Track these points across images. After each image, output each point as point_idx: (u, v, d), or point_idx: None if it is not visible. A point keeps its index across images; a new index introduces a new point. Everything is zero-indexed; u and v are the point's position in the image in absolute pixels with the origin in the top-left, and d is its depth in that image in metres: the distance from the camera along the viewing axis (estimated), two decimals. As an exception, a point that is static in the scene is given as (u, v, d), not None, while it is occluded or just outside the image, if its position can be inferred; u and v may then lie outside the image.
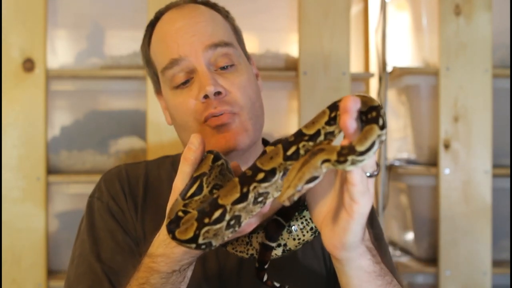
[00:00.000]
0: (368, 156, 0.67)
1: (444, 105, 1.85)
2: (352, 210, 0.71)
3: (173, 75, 1.02)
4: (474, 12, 1.85)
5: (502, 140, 1.93)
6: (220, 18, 1.07)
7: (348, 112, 0.67)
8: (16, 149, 1.76)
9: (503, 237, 1.94)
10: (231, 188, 0.73)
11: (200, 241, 0.73)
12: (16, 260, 1.75)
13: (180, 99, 1.02)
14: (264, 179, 0.72)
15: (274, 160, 0.73)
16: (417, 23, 2.04)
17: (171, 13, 1.06)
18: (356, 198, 0.70)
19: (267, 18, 1.92)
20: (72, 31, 1.89)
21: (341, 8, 1.82)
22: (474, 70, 1.85)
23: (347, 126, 0.67)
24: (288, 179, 0.69)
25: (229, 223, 0.72)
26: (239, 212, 0.72)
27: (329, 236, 0.76)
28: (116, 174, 1.11)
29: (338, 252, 0.76)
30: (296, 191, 0.68)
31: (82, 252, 1.03)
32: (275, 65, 1.87)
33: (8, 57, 1.76)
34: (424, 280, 1.88)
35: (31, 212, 1.75)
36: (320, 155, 0.69)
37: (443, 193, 1.85)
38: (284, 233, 0.85)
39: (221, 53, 1.01)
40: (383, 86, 2.01)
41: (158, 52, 1.06)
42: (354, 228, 0.73)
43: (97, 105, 1.91)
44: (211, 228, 0.72)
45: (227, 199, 0.72)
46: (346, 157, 0.67)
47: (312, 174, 0.68)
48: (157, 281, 0.85)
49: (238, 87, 1.01)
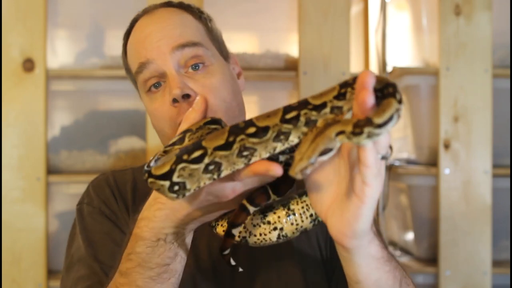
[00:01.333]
0: (386, 130, 0.63)
1: (444, 105, 1.85)
2: (364, 194, 0.69)
3: (143, 79, 1.01)
4: (474, 12, 1.85)
5: (502, 140, 1.93)
6: (191, 20, 1.06)
7: (366, 86, 0.65)
8: (16, 149, 1.76)
9: (503, 237, 1.94)
10: (218, 134, 0.71)
11: (175, 178, 0.70)
12: (16, 260, 1.75)
13: (155, 104, 1.01)
14: (254, 134, 0.70)
15: (271, 119, 0.70)
16: (417, 23, 2.04)
17: (143, 19, 1.07)
18: (369, 180, 0.68)
19: (267, 18, 1.92)
20: (72, 31, 1.89)
21: (341, 8, 1.82)
22: (474, 70, 1.85)
23: (365, 100, 0.65)
24: (301, 151, 0.66)
25: (207, 167, 0.70)
26: (219, 159, 0.70)
27: (338, 225, 0.73)
28: (104, 180, 1.11)
29: (348, 240, 0.73)
30: (309, 164, 0.64)
31: (80, 257, 1.03)
32: (275, 65, 1.87)
33: (8, 57, 1.76)
34: (424, 280, 1.88)
35: (31, 212, 1.75)
36: (335, 127, 0.65)
37: (443, 193, 1.85)
38: (283, 216, 0.81)
39: (190, 54, 1.00)
40: (383, 86, 2.00)
41: (131, 59, 1.07)
42: (365, 214, 0.71)
43: (97, 105, 1.91)
44: (187, 166, 0.69)
45: (211, 143, 0.70)
46: (362, 128, 0.62)
47: (326, 146, 0.64)
48: (142, 249, 0.83)
49: (209, 88, 0.98)
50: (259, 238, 0.81)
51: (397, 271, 0.82)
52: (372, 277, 0.78)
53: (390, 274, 0.80)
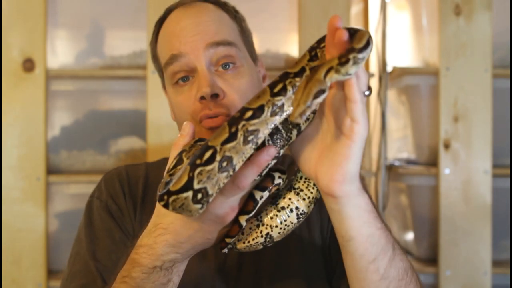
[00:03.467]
0: (367, 54, 0.69)
1: (444, 105, 1.85)
2: (353, 132, 0.72)
3: (173, 71, 1.02)
4: (474, 12, 1.85)
5: (502, 140, 1.93)
6: (227, 18, 1.07)
7: (337, 26, 0.70)
8: (16, 149, 1.76)
9: (503, 237, 1.94)
10: (220, 131, 0.73)
11: (196, 185, 0.71)
12: (16, 260, 1.75)
13: (181, 97, 1.02)
14: (252, 116, 0.72)
15: (261, 98, 0.74)
16: (417, 23, 2.04)
17: (179, 11, 1.07)
18: (357, 116, 0.71)
19: (267, 18, 1.92)
20: (72, 31, 1.89)
21: (341, 8, 1.82)
22: (474, 70, 1.85)
23: (341, 36, 0.69)
24: (296, 98, 0.69)
25: (221, 164, 0.71)
26: (229, 153, 0.71)
27: (328, 172, 0.75)
28: (116, 174, 1.11)
29: (339, 186, 0.74)
30: (307, 107, 0.68)
31: (79, 250, 1.04)
32: (275, 65, 1.87)
33: (8, 57, 1.76)
34: (424, 280, 1.88)
35: (31, 212, 1.75)
36: (322, 68, 0.70)
37: (443, 193, 1.85)
38: (293, 197, 0.83)
39: (223, 53, 1.01)
40: (383, 86, 2.01)
41: (162, 48, 1.07)
42: (355, 153, 0.73)
43: (97, 105, 1.91)
44: (203, 169, 0.71)
45: (217, 140, 0.72)
46: (347, 56, 0.68)
47: (318, 88, 0.69)
48: (138, 275, 0.83)
49: (237, 90, 1.00)
50: (282, 227, 0.83)
51: (389, 234, 0.81)
52: (364, 231, 0.77)
53: (382, 232, 0.79)
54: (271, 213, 0.84)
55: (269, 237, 0.84)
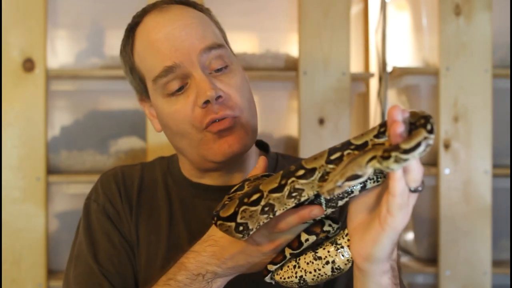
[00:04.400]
0: (413, 156, 0.67)
1: (444, 105, 1.85)
2: (386, 222, 0.72)
3: (166, 82, 0.98)
4: (474, 12, 1.85)
5: (502, 140, 1.93)
6: (205, 18, 1.04)
7: (395, 118, 0.68)
8: (16, 149, 1.76)
9: (503, 237, 1.94)
10: (273, 178, 0.78)
11: (238, 219, 0.78)
12: (16, 260, 1.75)
13: (177, 106, 0.98)
14: (303, 176, 0.76)
15: (317, 161, 0.76)
16: (417, 23, 2.04)
17: (155, 17, 1.01)
18: (393, 210, 0.70)
19: (267, 18, 1.92)
20: (72, 31, 1.89)
21: (341, 8, 1.82)
22: (474, 70, 1.85)
23: (395, 130, 0.68)
24: (334, 174, 0.70)
25: (263, 209, 0.77)
26: (273, 201, 0.77)
27: (357, 244, 0.76)
28: (112, 175, 1.10)
29: (362, 262, 0.76)
30: (336, 186, 0.69)
31: (79, 253, 1.03)
32: (275, 65, 1.87)
33: (8, 57, 1.76)
34: (424, 280, 1.88)
35: (31, 212, 1.75)
36: (368, 153, 0.70)
37: (443, 193, 1.85)
38: (332, 250, 0.84)
39: (215, 56, 0.99)
40: (383, 86, 2.01)
41: (147, 60, 1.01)
42: (383, 242, 0.73)
43: (97, 105, 1.91)
44: (248, 208, 0.78)
45: (266, 187, 0.77)
46: (390, 152, 0.67)
47: (355, 172, 0.69)
48: (182, 278, 0.87)
49: (235, 88, 0.99)
50: (316, 274, 0.86)
51: None
52: None
53: None
54: (308, 258, 0.86)
55: (303, 280, 0.87)
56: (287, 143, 1.91)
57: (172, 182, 1.10)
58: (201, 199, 1.07)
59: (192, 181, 1.08)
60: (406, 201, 0.71)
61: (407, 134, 0.69)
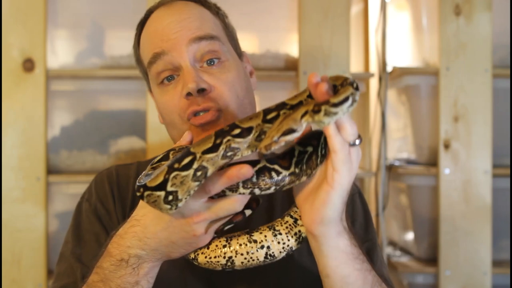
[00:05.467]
0: (341, 110, 0.69)
1: (444, 105, 1.85)
2: (333, 179, 0.73)
3: (157, 71, 1.00)
4: (474, 12, 1.85)
5: (502, 140, 1.93)
6: (208, 14, 1.05)
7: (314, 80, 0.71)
8: (16, 149, 1.76)
9: (503, 237, 1.94)
10: (206, 139, 0.74)
11: (169, 187, 0.73)
12: (16, 260, 1.75)
13: (167, 96, 1.00)
14: (239, 135, 0.74)
15: (253, 120, 0.76)
16: (417, 23, 2.04)
17: (160, 10, 1.05)
18: (337, 166, 0.72)
19: (267, 18, 1.92)
20: (72, 31, 1.89)
21: (341, 8, 1.82)
22: (474, 70, 1.85)
23: (320, 89, 0.70)
24: (270, 131, 0.72)
25: (196, 173, 0.73)
26: (207, 163, 0.73)
27: (309, 211, 0.77)
28: (106, 175, 1.10)
29: (316, 226, 0.76)
30: (273, 142, 0.70)
31: (64, 252, 1.04)
32: (275, 65, 1.87)
33: (8, 57, 1.76)
34: (424, 280, 1.88)
35: (31, 212, 1.75)
36: (301, 108, 0.72)
37: (443, 193, 1.85)
38: (269, 235, 0.82)
39: (207, 47, 0.99)
40: (383, 86, 2.00)
41: (144, 49, 1.05)
42: (334, 200, 0.74)
43: (97, 105, 1.91)
44: (179, 174, 0.72)
45: (199, 148, 0.73)
46: (320, 106, 0.70)
47: (290, 126, 0.70)
48: (107, 265, 0.84)
49: (224, 82, 0.99)
50: (247, 258, 0.82)
51: (369, 274, 0.82)
52: (340, 272, 0.79)
53: (360, 273, 0.80)
54: (241, 240, 0.82)
55: (231, 262, 0.82)
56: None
57: None
58: None
59: None
60: (348, 155, 0.73)
61: (333, 92, 0.71)
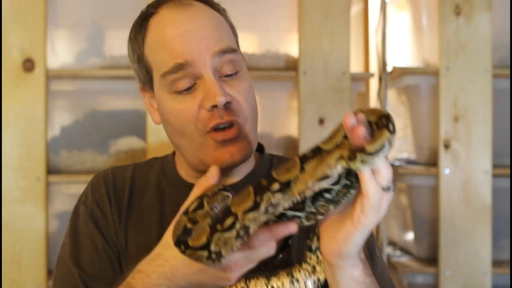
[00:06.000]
0: (378, 157, 0.68)
1: (444, 105, 1.85)
2: (359, 222, 0.73)
3: (175, 79, 0.96)
4: (474, 12, 1.85)
5: (502, 140, 1.92)
6: (221, 19, 1.03)
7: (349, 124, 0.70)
8: (16, 149, 1.76)
9: (503, 237, 1.94)
10: (244, 196, 0.73)
11: (212, 248, 0.73)
12: (16, 260, 1.75)
13: (182, 105, 0.96)
14: (279, 190, 0.72)
15: (291, 172, 0.73)
16: (417, 23, 2.04)
17: (172, 11, 0.99)
18: (367, 211, 0.72)
19: (267, 18, 1.92)
20: (72, 31, 1.89)
21: (341, 8, 1.82)
22: (474, 70, 1.85)
23: (356, 133, 0.69)
24: (305, 175, 0.70)
25: (238, 233, 0.72)
26: (249, 223, 0.72)
27: (328, 241, 0.77)
28: (103, 177, 1.08)
29: (333, 258, 0.77)
30: (307, 187, 0.69)
31: (62, 255, 1.03)
32: (275, 65, 1.87)
33: (8, 57, 1.76)
34: (424, 280, 1.88)
35: (31, 212, 1.75)
36: (335, 152, 0.70)
37: (443, 193, 1.85)
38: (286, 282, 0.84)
39: (228, 60, 0.97)
40: (383, 86, 2.00)
41: (159, 54, 0.99)
42: (356, 239, 0.74)
43: (97, 105, 1.91)
44: (222, 235, 0.72)
45: (240, 207, 0.72)
46: (355, 153, 0.68)
47: (325, 172, 0.69)
48: None
49: (241, 94, 0.98)
50: None
51: None
52: None
53: None
54: (259, 283, 0.84)
55: None
56: (287, 143, 1.91)
57: (166, 183, 1.08)
58: None
59: (188, 182, 1.06)
60: (380, 201, 0.71)
61: (369, 134, 0.70)
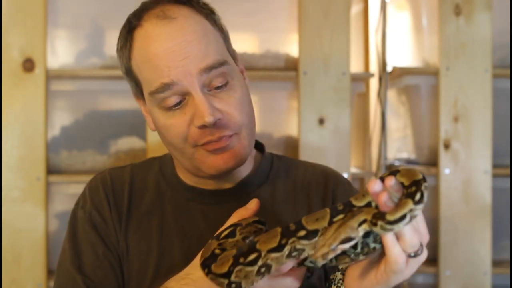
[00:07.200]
0: (398, 227, 0.69)
1: (444, 105, 1.85)
2: (382, 279, 0.74)
3: (163, 97, 0.95)
4: (474, 12, 1.85)
5: (502, 140, 1.92)
6: (210, 29, 0.98)
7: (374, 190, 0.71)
8: (16, 149, 1.76)
9: (503, 237, 1.94)
10: (271, 236, 0.76)
11: (232, 278, 0.76)
12: (16, 260, 1.75)
13: (172, 121, 0.95)
14: (305, 237, 0.75)
15: (319, 222, 0.75)
16: (417, 23, 2.04)
17: (156, 27, 0.95)
18: (389, 273, 0.73)
19: (267, 18, 1.92)
20: (72, 31, 1.89)
21: (341, 8, 1.82)
22: (474, 70, 1.85)
23: (380, 200, 0.70)
24: (325, 237, 0.71)
25: (260, 269, 0.75)
26: (271, 261, 0.75)
27: (351, 280, 0.79)
28: (100, 180, 1.06)
29: None
30: (330, 250, 0.70)
31: (62, 262, 1.01)
32: (275, 65, 1.87)
33: (8, 57, 1.76)
34: (424, 280, 1.88)
35: (31, 212, 1.75)
36: (359, 216, 0.71)
37: (443, 193, 1.85)
38: None
39: (216, 74, 0.95)
40: (383, 86, 2.01)
41: (145, 72, 0.97)
42: None
43: (97, 105, 1.91)
44: (243, 268, 0.76)
45: (265, 246, 0.75)
46: (377, 220, 0.69)
47: (348, 235, 0.70)
48: None
49: (234, 106, 0.96)
50: None
51: None
52: None
53: None
54: None
55: None
56: (287, 143, 1.91)
57: (165, 184, 1.06)
58: (195, 203, 1.03)
59: (187, 184, 1.05)
60: (402, 266, 0.72)
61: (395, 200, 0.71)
